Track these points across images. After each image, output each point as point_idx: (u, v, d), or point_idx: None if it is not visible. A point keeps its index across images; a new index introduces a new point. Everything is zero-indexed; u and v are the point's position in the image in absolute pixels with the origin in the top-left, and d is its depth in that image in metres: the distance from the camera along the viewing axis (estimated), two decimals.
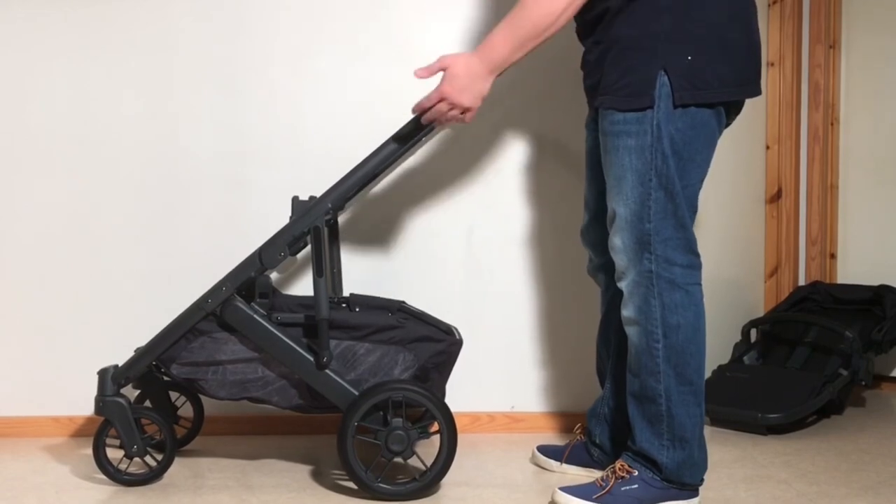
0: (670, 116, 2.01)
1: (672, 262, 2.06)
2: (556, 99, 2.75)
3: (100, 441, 2.29)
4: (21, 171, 2.72)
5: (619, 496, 2.11)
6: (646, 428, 2.13)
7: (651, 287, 2.07)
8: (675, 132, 2.02)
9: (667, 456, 2.11)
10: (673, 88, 2.00)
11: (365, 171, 2.30)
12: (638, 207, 2.05)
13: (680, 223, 2.07)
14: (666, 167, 2.03)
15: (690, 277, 2.09)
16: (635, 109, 2.02)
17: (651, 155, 2.02)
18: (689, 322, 2.08)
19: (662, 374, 2.09)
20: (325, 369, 2.22)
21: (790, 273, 3.36)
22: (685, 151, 2.04)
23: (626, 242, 2.08)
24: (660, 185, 2.03)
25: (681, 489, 2.14)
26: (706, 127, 2.06)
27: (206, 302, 2.25)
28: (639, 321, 2.10)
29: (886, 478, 2.38)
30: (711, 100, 2.03)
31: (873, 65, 3.36)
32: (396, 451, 2.20)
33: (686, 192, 2.07)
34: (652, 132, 2.01)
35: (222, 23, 2.72)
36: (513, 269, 2.79)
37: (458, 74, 2.12)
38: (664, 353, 2.08)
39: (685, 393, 2.10)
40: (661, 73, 2.00)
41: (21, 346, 2.73)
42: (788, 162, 3.33)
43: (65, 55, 2.70)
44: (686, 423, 2.11)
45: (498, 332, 2.79)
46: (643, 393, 2.12)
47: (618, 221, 2.09)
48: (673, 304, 2.07)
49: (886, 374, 3.31)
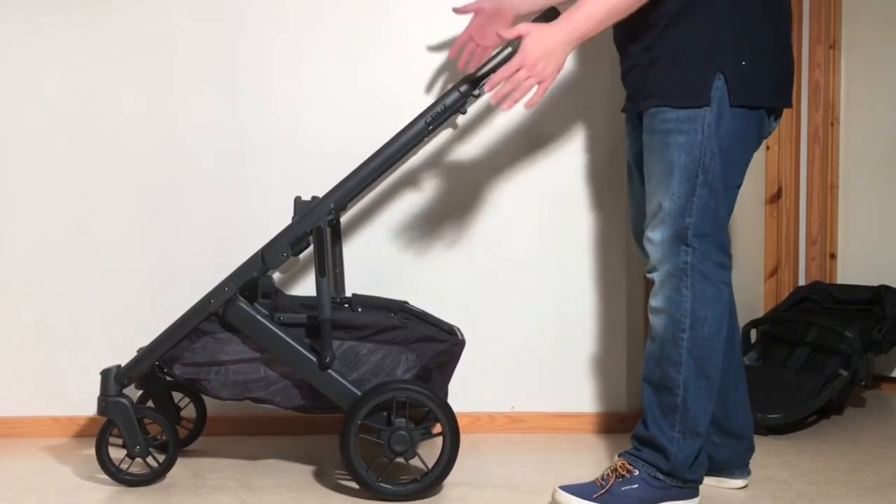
0: (722, 117, 2.06)
1: (707, 257, 2.10)
2: (558, 98, 2.75)
3: (103, 441, 2.29)
4: (21, 171, 2.71)
5: (618, 496, 2.11)
6: (660, 416, 2.14)
7: (685, 278, 2.09)
8: (725, 133, 2.07)
9: (677, 446, 2.12)
10: (729, 90, 2.05)
11: (367, 171, 2.30)
12: (682, 202, 2.09)
13: (718, 221, 2.11)
14: (713, 165, 2.07)
15: (722, 275, 2.13)
16: (689, 107, 2.06)
17: (700, 152, 2.07)
18: (716, 317, 2.11)
19: (684, 365, 2.11)
20: (328, 369, 2.22)
21: (790, 273, 3.36)
22: (732, 153, 2.10)
23: (665, 235, 2.11)
24: (705, 182, 2.08)
25: (681, 487, 2.14)
26: (751, 132, 2.12)
27: (208, 302, 2.25)
28: (668, 310, 2.12)
29: (886, 478, 2.39)
30: (762, 103, 2.11)
31: (873, 65, 3.36)
32: (399, 452, 2.20)
33: (727, 194, 2.13)
34: (703, 130, 2.06)
35: (222, 23, 2.72)
36: (513, 269, 2.79)
37: (538, 43, 2.07)
38: (689, 343, 2.10)
39: (702, 388, 2.12)
40: (718, 75, 2.05)
41: (21, 346, 2.72)
42: (788, 162, 3.34)
43: (65, 55, 2.70)
44: (700, 418, 2.12)
45: (498, 332, 2.79)
46: (662, 382, 2.14)
47: (661, 215, 2.11)
48: (704, 297, 2.10)
49: (886, 374, 3.31)
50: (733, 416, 2.30)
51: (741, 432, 2.31)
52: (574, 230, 2.78)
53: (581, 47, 2.21)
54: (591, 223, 2.78)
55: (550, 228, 2.79)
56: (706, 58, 2.07)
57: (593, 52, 2.62)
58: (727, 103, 2.06)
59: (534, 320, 2.80)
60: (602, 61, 2.65)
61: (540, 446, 2.67)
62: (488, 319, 2.78)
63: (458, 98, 2.29)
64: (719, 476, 2.32)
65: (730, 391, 2.29)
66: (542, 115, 2.76)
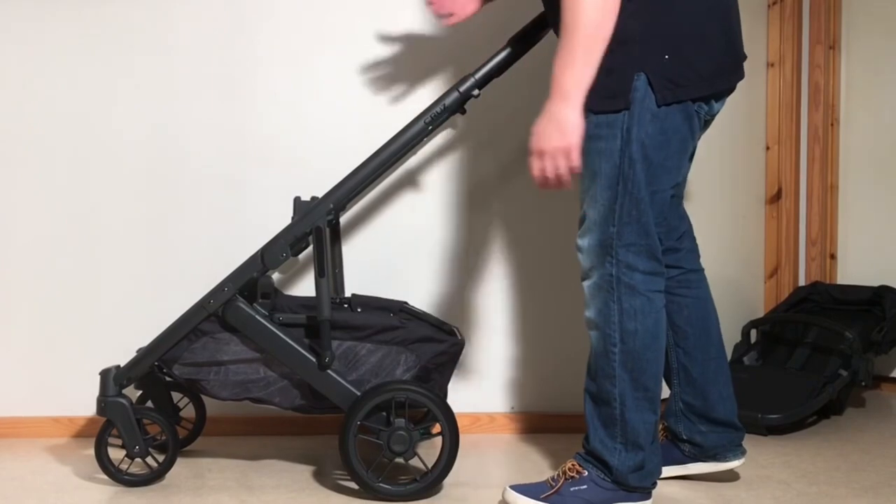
0: (641, 121, 2.00)
1: (633, 268, 2.06)
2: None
3: (102, 442, 2.29)
4: (21, 171, 2.71)
5: (567, 496, 2.11)
6: (600, 429, 2.13)
7: (611, 291, 2.07)
8: (646, 137, 2.01)
9: (618, 459, 2.11)
10: (654, 89, 1.99)
11: (367, 171, 2.30)
12: (606, 210, 2.05)
13: (644, 229, 2.06)
14: (633, 173, 2.02)
15: (652, 284, 2.09)
16: (609, 111, 2.01)
17: (619, 159, 2.02)
18: (647, 329, 2.08)
19: (618, 379, 2.09)
20: (328, 370, 2.22)
21: (790, 273, 3.36)
22: (656, 157, 2.04)
23: (591, 244, 2.09)
24: (625, 191, 2.03)
25: (630, 492, 2.13)
26: (678, 133, 2.05)
27: (208, 302, 2.25)
28: (598, 324, 2.11)
29: (886, 478, 2.39)
30: (694, 95, 2.03)
31: (873, 65, 3.36)
32: (398, 452, 2.20)
33: (655, 198, 2.07)
34: (621, 136, 2.01)
35: (222, 23, 2.72)
36: (513, 269, 2.79)
37: (537, 130, 2.01)
38: (620, 357, 2.08)
39: (640, 399, 2.10)
40: (638, 76, 1.99)
41: (21, 346, 2.73)
42: (788, 162, 3.33)
43: (65, 55, 2.70)
44: (639, 429, 2.10)
45: (498, 332, 2.79)
46: (599, 395, 2.13)
47: (587, 223, 2.10)
48: (632, 310, 2.07)
49: (886, 374, 3.31)
50: (716, 407, 2.29)
51: (726, 419, 2.30)
52: (574, 230, 2.78)
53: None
54: None
55: (550, 228, 2.79)
56: (625, 58, 1.99)
57: None
58: (653, 103, 1.99)
59: (534, 320, 2.80)
60: None
61: (540, 447, 2.67)
62: (488, 319, 2.78)
63: (457, 98, 2.29)
64: (713, 461, 2.32)
65: (709, 384, 2.29)
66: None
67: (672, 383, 2.35)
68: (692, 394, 2.31)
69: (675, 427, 2.34)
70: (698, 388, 2.30)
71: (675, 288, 2.28)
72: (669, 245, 2.27)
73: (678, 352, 2.31)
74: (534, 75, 2.71)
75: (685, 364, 2.30)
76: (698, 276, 2.33)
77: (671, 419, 2.35)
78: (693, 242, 2.35)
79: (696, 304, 2.31)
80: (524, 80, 2.69)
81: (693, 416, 2.31)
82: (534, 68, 2.62)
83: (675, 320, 2.29)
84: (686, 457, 2.34)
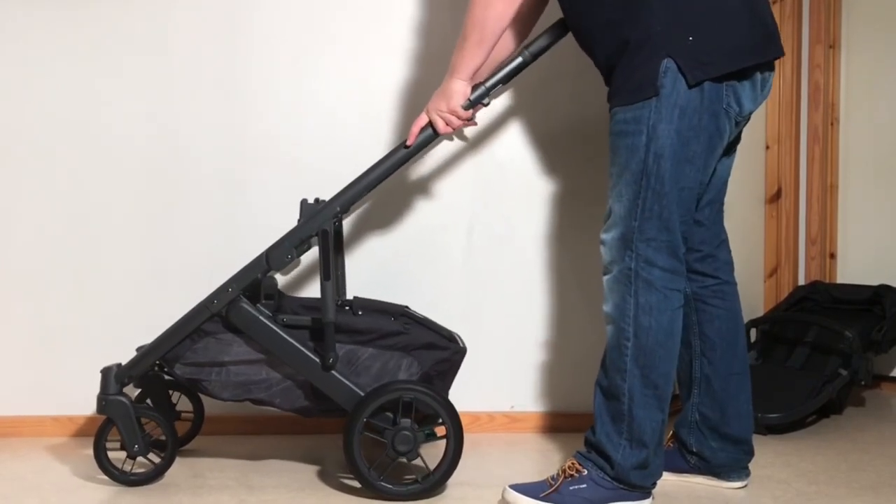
0: (668, 117, 2.01)
1: (652, 264, 2.06)
2: (556, 98, 2.75)
3: (101, 441, 2.29)
4: (21, 171, 2.71)
5: (566, 495, 2.11)
6: (608, 423, 2.13)
7: (629, 285, 2.07)
8: (672, 133, 2.02)
9: (621, 454, 2.11)
10: (683, 71, 1.99)
11: (374, 176, 2.28)
12: (629, 205, 2.06)
13: (665, 225, 2.06)
14: (657, 167, 2.03)
15: (670, 282, 2.09)
16: (638, 101, 2.02)
17: (644, 154, 2.03)
18: (661, 325, 2.08)
19: (629, 374, 2.09)
20: (331, 370, 2.22)
21: (790, 273, 3.36)
22: (681, 153, 2.04)
23: (614, 238, 2.09)
24: (649, 186, 2.04)
25: (630, 490, 2.13)
26: (705, 130, 2.05)
27: (211, 303, 2.25)
28: (614, 318, 2.11)
29: (886, 478, 2.39)
30: (724, 70, 2.02)
31: (873, 65, 3.37)
32: (402, 452, 2.19)
33: (682, 196, 2.07)
34: (647, 132, 2.02)
35: (222, 23, 2.72)
36: (513, 269, 2.79)
37: (433, 97, 2.27)
38: (633, 352, 2.08)
39: (649, 396, 2.10)
40: (665, 61, 1.99)
41: (21, 346, 2.72)
42: (788, 162, 3.34)
43: (65, 55, 2.70)
44: (646, 427, 2.10)
45: (498, 332, 2.79)
46: (609, 390, 2.13)
47: (613, 217, 2.10)
48: (647, 306, 2.07)
49: (886, 374, 3.31)
50: (732, 422, 2.29)
51: (739, 437, 2.30)
52: (574, 230, 2.78)
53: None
54: (592, 224, 2.77)
55: (550, 229, 2.79)
56: (650, 50, 2.01)
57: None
58: (684, 86, 2.00)
59: (533, 320, 2.80)
60: None
61: (540, 446, 2.67)
62: (488, 320, 2.78)
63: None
64: (717, 478, 2.32)
65: (729, 398, 2.28)
66: (543, 119, 2.77)
67: (692, 392, 2.33)
68: (710, 406, 2.29)
69: (685, 438, 2.33)
70: (717, 401, 2.28)
71: (710, 298, 2.28)
72: (708, 252, 2.28)
73: (703, 361, 2.29)
74: (533, 74, 2.71)
75: (708, 375, 2.29)
76: (732, 288, 2.32)
77: (683, 430, 2.34)
78: (729, 254, 2.34)
79: (727, 317, 2.30)
80: (524, 79, 2.69)
81: (706, 429, 2.30)
82: (533, 67, 2.62)
83: (706, 330, 2.28)
84: (690, 468, 2.34)
